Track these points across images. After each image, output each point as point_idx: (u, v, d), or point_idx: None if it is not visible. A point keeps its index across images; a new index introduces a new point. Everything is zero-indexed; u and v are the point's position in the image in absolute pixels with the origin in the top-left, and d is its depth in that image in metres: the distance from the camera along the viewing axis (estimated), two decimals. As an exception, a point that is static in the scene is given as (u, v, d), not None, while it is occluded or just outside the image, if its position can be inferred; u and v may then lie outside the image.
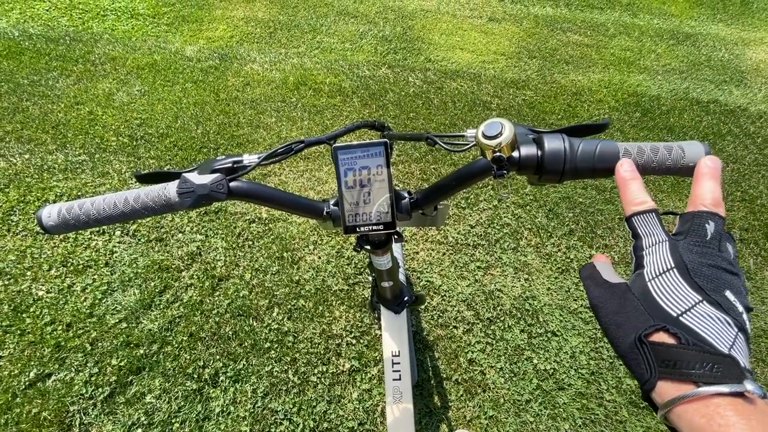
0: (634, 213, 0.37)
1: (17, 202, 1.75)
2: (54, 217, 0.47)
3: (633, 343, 0.30)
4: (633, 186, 0.38)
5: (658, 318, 0.30)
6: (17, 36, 2.54)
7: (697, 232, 0.34)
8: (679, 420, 0.27)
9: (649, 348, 0.29)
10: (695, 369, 0.27)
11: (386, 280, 0.75)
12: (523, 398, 1.41)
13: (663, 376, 0.28)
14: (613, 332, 0.32)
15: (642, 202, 0.37)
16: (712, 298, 0.30)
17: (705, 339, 0.28)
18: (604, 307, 0.34)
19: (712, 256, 0.32)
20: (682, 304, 0.30)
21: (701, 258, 0.32)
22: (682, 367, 0.28)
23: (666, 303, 0.31)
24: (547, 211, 1.94)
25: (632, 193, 0.38)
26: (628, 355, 0.30)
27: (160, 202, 0.47)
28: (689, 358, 0.28)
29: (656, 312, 0.31)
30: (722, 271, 0.32)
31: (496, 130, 0.42)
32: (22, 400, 1.29)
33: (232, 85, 2.43)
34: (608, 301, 0.34)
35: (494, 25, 3.20)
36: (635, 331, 0.30)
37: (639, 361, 0.29)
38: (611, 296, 0.34)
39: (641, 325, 0.30)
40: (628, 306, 0.32)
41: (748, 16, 3.62)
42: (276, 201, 0.53)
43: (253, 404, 1.35)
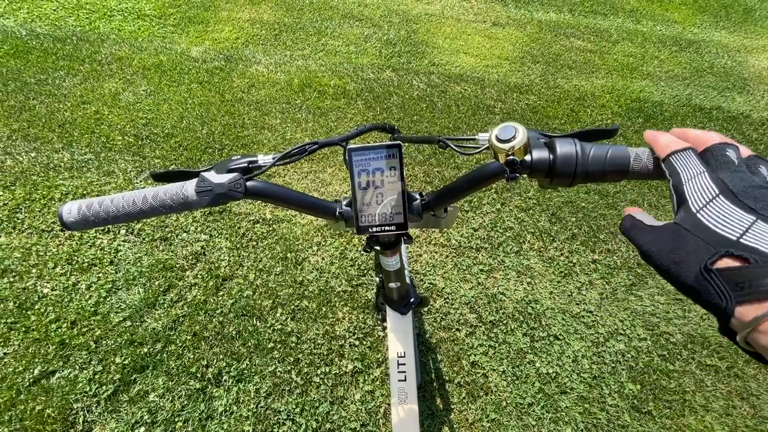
0: (670, 153, 0.37)
1: (23, 200, 1.76)
2: (74, 214, 0.48)
3: (699, 275, 0.29)
4: (663, 135, 0.39)
5: (719, 245, 0.29)
6: (25, 35, 2.56)
7: (723, 162, 0.34)
8: (762, 337, 0.27)
9: (717, 275, 0.28)
10: None
11: (394, 281, 0.76)
12: (526, 401, 1.41)
13: (740, 300, 0.27)
14: (675, 271, 0.31)
15: (677, 142, 0.37)
16: (765, 215, 0.30)
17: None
18: (658, 250, 0.33)
19: (749, 178, 0.32)
20: (739, 226, 0.30)
21: (742, 182, 0.32)
22: (758, 286, 0.27)
23: (722, 228, 0.30)
24: (549, 215, 1.95)
25: (664, 138, 0.38)
26: (696, 288, 0.29)
27: (178, 200, 0.48)
28: (763, 275, 0.27)
29: (715, 239, 0.30)
30: (765, 190, 0.31)
31: (510, 133, 0.43)
32: (26, 397, 1.30)
33: (238, 86, 2.45)
34: (660, 242, 0.33)
35: (498, 29, 3.22)
36: (698, 262, 0.29)
37: (710, 291, 0.28)
38: (662, 237, 0.33)
39: (703, 256, 0.29)
40: (683, 241, 0.31)
41: (751, 24, 3.64)
42: (290, 201, 0.53)
43: (256, 404, 1.35)
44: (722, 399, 1.45)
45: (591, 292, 1.70)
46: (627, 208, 0.40)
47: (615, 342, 1.56)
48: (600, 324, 1.61)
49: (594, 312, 1.64)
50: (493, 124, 2.41)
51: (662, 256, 0.32)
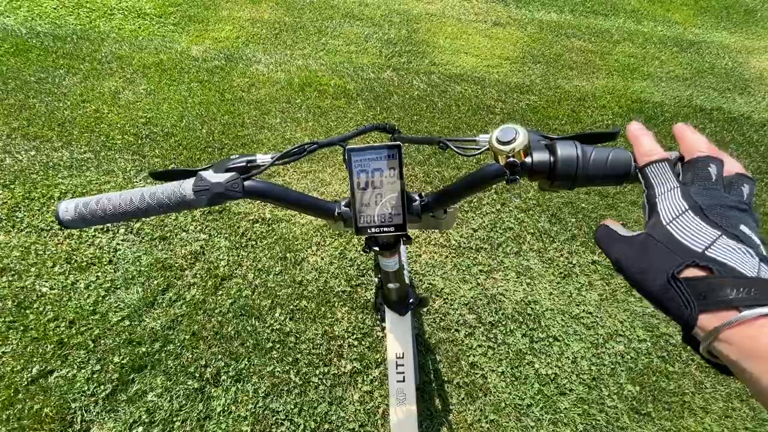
0: (647, 163, 0.38)
1: (22, 198, 1.76)
2: (71, 212, 0.48)
3: (665, 284, 0.30)
4: (645, 139, 0.39)
5: (685, 255, 0.31)
6: (25, 33, 2.56)
7: (701, 176, 0.35)
8: (724, 347, 0.27)
9: (683, 284, 0.29)
10: (734, 295, 0.27)
11: (393, 282, 0.76)
12: (525, 403, 1.41)
13: (703, 308, 0.28)
14: (641, 278, 0.32)
15: (654, 152, 0.38)
16: (729, 232, 0.31)
17: (733, 268, 0.29)
18: (627, 258, 0.34)
19: (721, 196, 0.34)
20: (704, 239, 0.31)
21: (712, 199, 0.33)
22: (720, 296, 0.28)
23: (689, 241, 0.31)
24: (549, 216, 1.95)
25: (644, 145, 0.39)
26: (662, 296, 0.30)
27: (175, 200, 0.48)
28: (725, 285, 0.28)
29: (681, 250, 0.31)
30: (734, 210, 0.33)
31: (510, 135, 0.43)
32: (24, 396, 1.29)
33: (238, 85, 2.44)
34: (631, 252, 0.34)
35: (499, 29, 3.22)
36: (665, 271, 0.31)
37: (675, 299, 0.29)
38: (633, 246, 0.34)
39: (670, 265, 0.31)
40: (652, 250, 0.33)
41: (752, 25, 3.63)
42: (289, 201, 0.53)
43: (254, 404, 1.35)
44: (721, 401, 1.44)
45: (591, 293, 1.69)
46: (604, 221, 0.41)
47: (614, 343, 1.56)
48: (599, 325, 1.60)
49: (593, 313, 1.64)
50: (493, 124, 2.41)
51: (632, 265, 0.34)
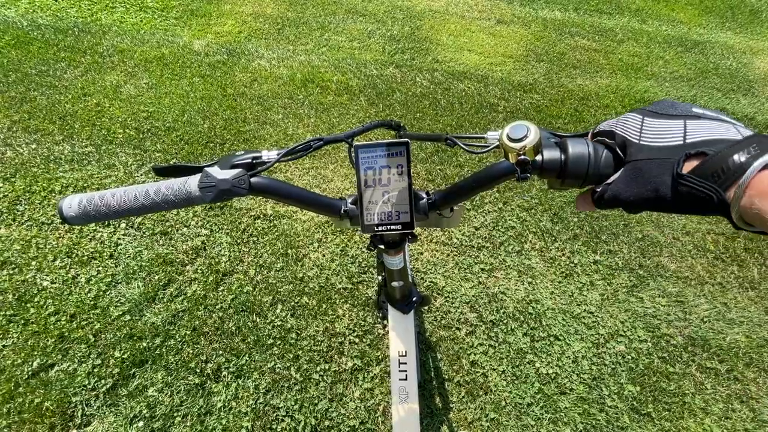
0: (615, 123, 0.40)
1: (23, 191, 1.75)
2: (75, 208, 0.47)
3: (676, 186, 0.30)
4: None
5: (673, 154, 0.31)
6: (26, 26, 2.54)
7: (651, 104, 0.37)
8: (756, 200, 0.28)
9: (691, 177, 0.30)
10: (740, 159, 0.28)
11: (397, 280, 0.75)
12: (525, 401, 1.41)
13: (723, 186, 0.29)
14: (656, 197, 0.32)
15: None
16: (690, 116, 0.33)
17: (720, 139, 0.30)
18: (634, 192, 0.34)
19: (664, 104, 0.36)
20: (676, 132, 0.32)
21: (657, 106, 0.36)
22: (729, 168, 0.28)
23: (666, 140, 0.32)
24: (552, 215, 1.94)
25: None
26: (683, 200, 0.31)
27: (181, 196, 0.47)
28: (725, 157, 0.29)
29: (667, 152, 0.32)
30: (676, 106, 0.35)
31: (521, 132, 0.42)
32: (24, 390, 1.29)
33: (240, 80, 2.43)
34: (631, 186, 0.34)
35: (502, 27, 3.20)
36: (668, 177, 0.31)
37: (694, 193, 0.30)
38: (628, 181, 0.35)
39: (668, 169, 0.31)
40: (645, 169, 0.33)
41: (757, 25, 3.62)
42: (294, 198, 0.53)
43: (255, 400, 1.35)
44: (722, 402, 1.44)
45: (592, 293, 1.69)
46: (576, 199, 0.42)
47: (615, 343, 1.56)
48: (600, 325, 1.60)
49: (595, 313, 1.63)
50: (496, 122, 2.40)
51: (642, 194, 0.34)
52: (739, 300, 1.72)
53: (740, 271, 1.82)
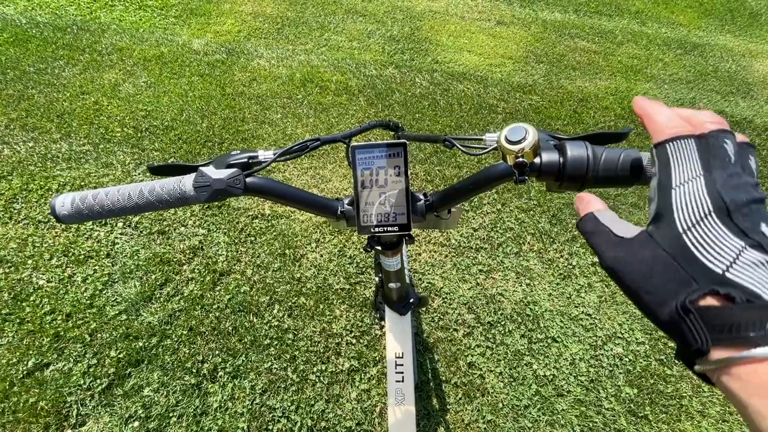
0: (669, 138, 0.29)
1: (20, 190, 1.74)
2: (67, 206, 0.47)
3: (675, 313, 0.25)
4: (661, 110, 0.31)
5: (703, 278, 0.25)
6: (24, 23, 2.53)
7: (719, 158, 0.28)
8: (729, 379, 0.24)
9: (696, 316, 0.24)
10: (755, 331, 0.23)
11: (394, 281, 0.75)
12: (522, 403, 1.41)
13: (717, 343, 0.24)
14: (647, 300, 0.27)
15: (678, 122, 0.30)
16: (753, 240, 0.25)
17: (756, 293, 0.24)
18: (628, 271, 0.28)
19: (742, 185, 0.27)
20: (728, 255, 0.25)
21: (738, 192, 0.27)
22: (740, 330, 0.23)
23: (709, 259, 0.25)
24: (550, 217, 1.94)
25: (663, 114, 0.31)
26: (668, 324, 0.26)
27: (175, 195, 0.47)
28: (746, 318, 0.23)
29: (699, 271, 0.25)
30: (754, 202, 0.27)
31: (519, 134, 0.42)
32: (19, 389, 1.29)
33: (239, 79, 2.42)
34: (632, 263, 0.28)
35: (502, 28, 3.20)
36: (675, 297, 0.25)
37: (685, 331, 0.25)
38: (635, 256, 0.28)
39: (683, 290, 0.25)
40: (661, 266, 0.26)
41: (756, 28, 3.62)
42: (290, 198, 0.52)
43: (251, 401, 1.35)
44: (719, 405, 1.44)
45: (590, 295, 1.69)
46: (583, 198, 0.33)
47: (613, 345, 1.56)
48: (598, 327, 1.60)
49: (593, 315, 1.63)
50: (495, 123, 2.40)
51: (634, 281, 0.28)
52: (736, 303, 1.72)
53: (738, 274, 1.81)
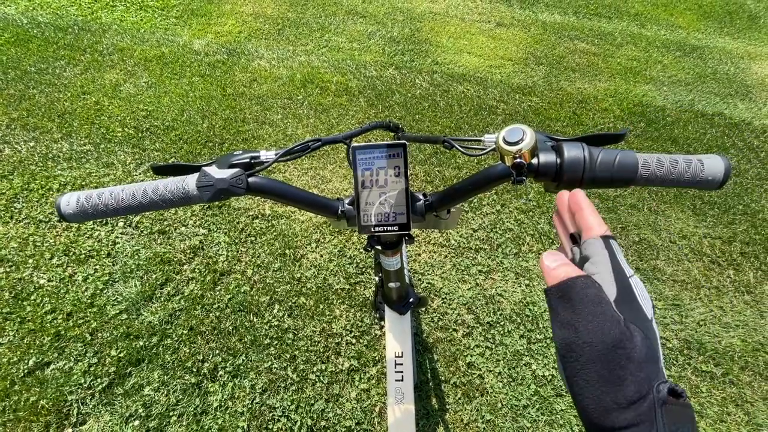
0: (610, 236, 0.33)
1: (21, 189, 1.75)
2: (72, 205, 0.48)
3: (651, 406, 0.25)
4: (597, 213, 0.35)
5: (659, 372, 0.26)
6: (25, 23, 2.54)
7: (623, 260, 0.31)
8: None
9: (663, 412, 0.25)
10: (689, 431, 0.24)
11: (393, 281, 0.75)
12: (521, 403, 1.41)
13: None
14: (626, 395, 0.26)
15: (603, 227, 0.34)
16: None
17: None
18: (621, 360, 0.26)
19: None
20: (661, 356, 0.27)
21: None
22: (688, 429, 0.24)
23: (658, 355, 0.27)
24: (549, 218, 1.95)
25: (599, 218, 0.35)
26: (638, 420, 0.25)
27: (178, 195, 0.47)
28: (687, 418, 0.25)
29: (656, 366, 0.26)
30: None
31: (517, 136, 0.43)
32: (20, 388, 1.29)
33: (239, 80, 2.43)
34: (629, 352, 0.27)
35: (502, 30, 3.21)
36: (651, 388, 0.25)
37: (649, 424, 0.25)
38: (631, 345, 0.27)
39: (655, 382, 0.25)
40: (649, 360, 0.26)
41: (755, 31, 3.64)
42: (292, 198, 0.53)
43: (251, 400, 1.35)
44: (717, 405, 1.45)
45: (589, 296, 1.69)
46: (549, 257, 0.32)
47: (612, 346, 1.56)
48: (597, 328, 1.60)
49: (591, 315, 1.64)
50: (495, 125, 2.40)
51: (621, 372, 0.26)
52: (734, 304, 1.73)
53: (736, 275, 1.82)
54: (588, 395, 0.27)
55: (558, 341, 0.29)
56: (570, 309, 0.29)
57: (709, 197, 2.13)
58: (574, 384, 0.28)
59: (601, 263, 0.31)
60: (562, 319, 0.29)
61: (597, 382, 0.26)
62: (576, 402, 0.28)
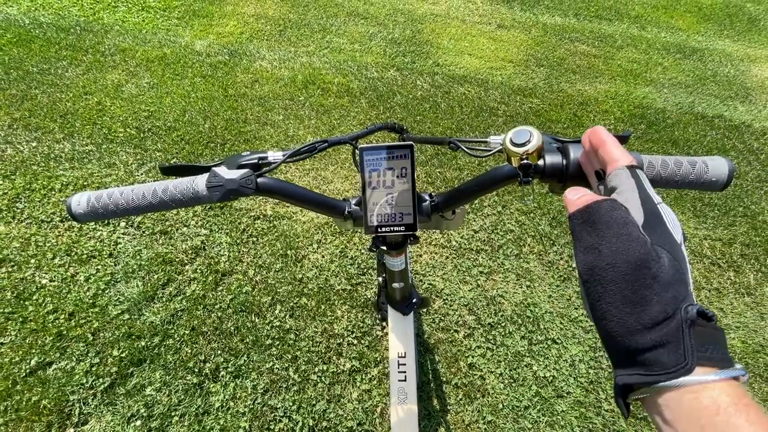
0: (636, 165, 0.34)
1: (23, 189, 1.75)
2: (83, 205, 0.48)
3: (679, 326, 0.25)
4: (610, 138, 0.36)
5: (687, 294, 0.26)
6: (28, 24, 2.55)
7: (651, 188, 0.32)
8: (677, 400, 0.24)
9: (693, 332, 0.24)
10: (720, 354, 0.24)
11: (398, 281, 0.76)
12: (522, 404, 1.41)
13: (701, 361, 0.24)
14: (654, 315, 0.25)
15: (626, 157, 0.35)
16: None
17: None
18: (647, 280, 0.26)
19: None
20: (690, 281, 0.27)
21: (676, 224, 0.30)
22: (715, 351, 0.24)
23: (688, 278, 0.26)
24: (550, 219, 1.95)
25: (625, 150, 0.36)
26: (666, 340, 0.25)
27: (188, 195, 0.48)
28: (718, 340, 0.25)
29: (685, 287, 0.26)
30: None
31: (524, 137, 0.43)
32: (22, 388, 1.29)
33: (241, 81, 2.44)
34: (656, 272, 0.26)
35: (503, 32, 3.22)
36: (679, 309, 0.25)
37: (678, 348, 0.24)
38: (658, 265, 0.27)
39: (683, 304, 0.25)
40: (676, 281, 0.26)
41: (755, 33, 3.65)
42: (300, 198, 0.53)
43: (253, 400, 1.35)
44: (718, 407, 1.45)
45: (590, 297, 1.70)
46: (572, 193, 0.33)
47: (612, 347, 1.57)
48: (598, 329, 1.61)
49: (592, 317, 1.64)
50: (495, 126, 2.41)
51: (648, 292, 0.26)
52: (735, 305, 1.73)
53: (736, 277, 1.83)
54: (612, 317, 0.26)
55: (581, 267, 0.29)
56: (594, 233, 0.29)
57: (709, 199, 2.14)
58: (596, 308, 0.28)
59: (628, 191, 0.31)
60: (585, 243, 0.29)
61: (621, 302, 0.26)
62: (599, 329, 0.27)
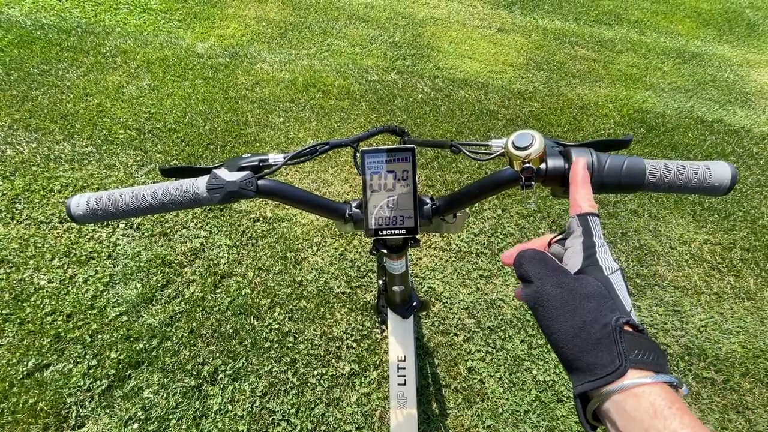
0: (589, 213, 0.40)
1: (22, 190, 1.75)
2: (83, 207, 0.48)
3: (606, 333, 0.30)
4: (588, 188, 0.41)
5: (621, 311, 0.32)
6: (29, 25, 2.55)
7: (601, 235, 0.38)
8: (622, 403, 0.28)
9: (623, 337, 0.30)
10: (653, 359, 0.29)
11: (398, 285, 0.76)
12: (522, 409, 1.41)
13: (633, 365, 0.29)
14: (582, 319, 0.32)
15: (594, 205, 0.40)
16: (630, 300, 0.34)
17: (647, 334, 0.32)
18: (572, 293, 0.34)
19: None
20: (628, 301, 0.33)
21: (617, 262, 0.37)
22: (647, 356, 0.29)
23: (623, 298, 0.33)
24: (550, 223, 1.95)
25: (588, 194, 0.41)
26: (593, 344, 0.31)
27: (188, 197, 0.48)
28: (650, 347, 0.30)
29: (619, 305, 0.33)
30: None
31: (527, 141, 0.43)
32: (19, 390, 1.28)
33: (242, 83, 2.44)
34: (577, 288, 0.34)
35: (503, 36, 3.23)
36: (608, 318, 0.31)
37: (612, 350, 0.30)
38: (573, 283, 0.34)
39: (611, 315, 0.31)
40: (598, 294, 0.33)
41: (754, 39, 3.67)
42: (300, 200, 0.53)
43: (251, 404, 1.34)
44: (718, 412, 1.45)
45: (590, 301, 1.69)
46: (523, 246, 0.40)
47: (612, 352, 1.56)
48: (598, 333, 1.60)
49: (592, 321, 1.64)
50: (496, 129, 2.41)
51: (574, 300, 0.33)
52: (735, 310, 1.73)
53: (736, 282, 1.83)
54: (556, 330, 0.33)
55: (525, 298, 0.37)
56: (525, 271, 0.37)
57: (709, 203, 2.14)
58: (544, 327, 0.35)
59: (575, 237, 0.39)
60: (523, 279, 0.37)
61: (559, 316, 0.33)
62: (552, 345, 0.34)
